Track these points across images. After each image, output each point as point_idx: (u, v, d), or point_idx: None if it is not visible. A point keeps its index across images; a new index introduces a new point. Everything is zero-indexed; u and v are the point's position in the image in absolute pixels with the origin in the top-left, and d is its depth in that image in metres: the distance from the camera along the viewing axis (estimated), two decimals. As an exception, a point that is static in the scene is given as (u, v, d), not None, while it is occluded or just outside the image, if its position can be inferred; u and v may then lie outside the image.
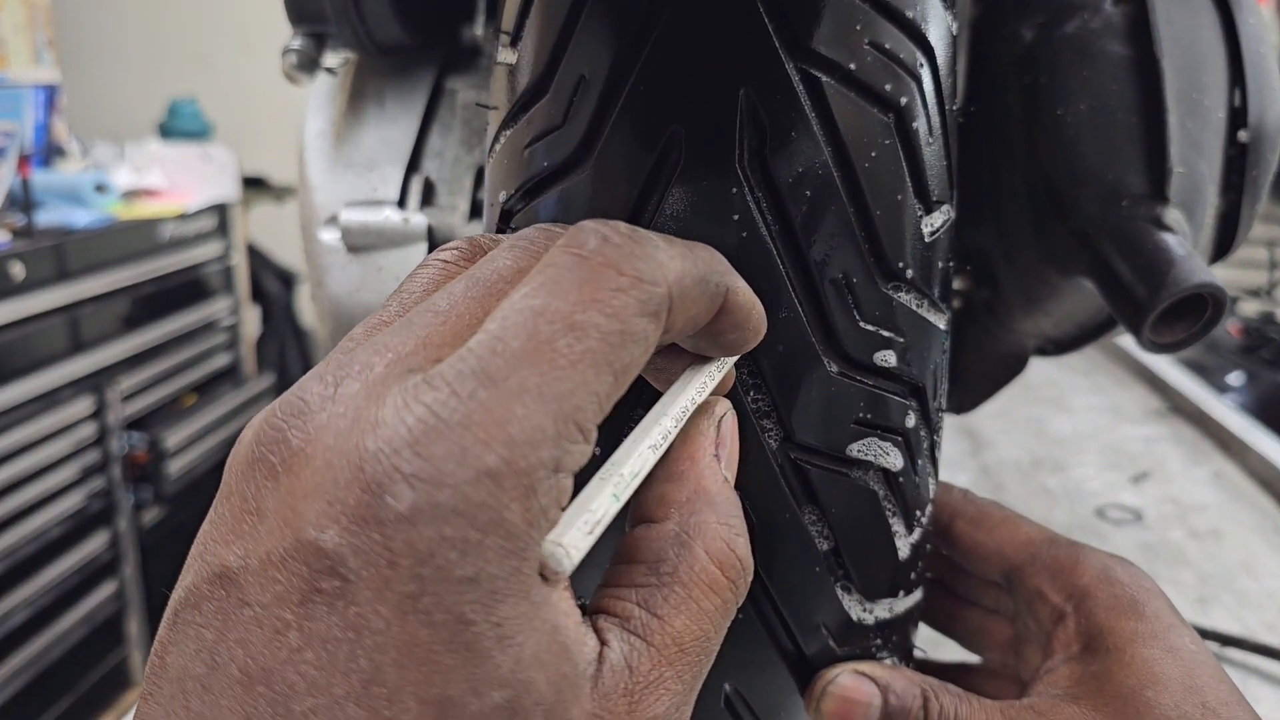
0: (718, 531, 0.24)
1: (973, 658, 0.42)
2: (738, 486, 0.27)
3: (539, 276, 0.22)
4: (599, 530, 0.22)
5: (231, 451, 0.23)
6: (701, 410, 0.26)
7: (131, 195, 2.21)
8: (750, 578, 0.25)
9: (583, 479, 0.22)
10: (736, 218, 0.30)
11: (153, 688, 0.21)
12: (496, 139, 0.34)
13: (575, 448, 0.21)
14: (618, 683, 0.22)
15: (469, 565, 0.19)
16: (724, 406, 0.27)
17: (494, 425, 0.20)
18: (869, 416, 0.32)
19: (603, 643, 0.22)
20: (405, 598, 0.19)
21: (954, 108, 0.35)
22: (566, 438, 0.21)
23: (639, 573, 0.24)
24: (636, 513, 0.25)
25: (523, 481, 0.20)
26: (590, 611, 0.23)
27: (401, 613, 0.19)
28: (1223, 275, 0.39)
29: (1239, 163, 0.44)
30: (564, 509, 0.21)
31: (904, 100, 0.31)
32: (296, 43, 0.51)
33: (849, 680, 0.33)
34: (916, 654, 0.39)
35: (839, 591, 0.34)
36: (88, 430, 1.90)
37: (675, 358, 0.28)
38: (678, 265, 0.24)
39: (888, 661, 0.35)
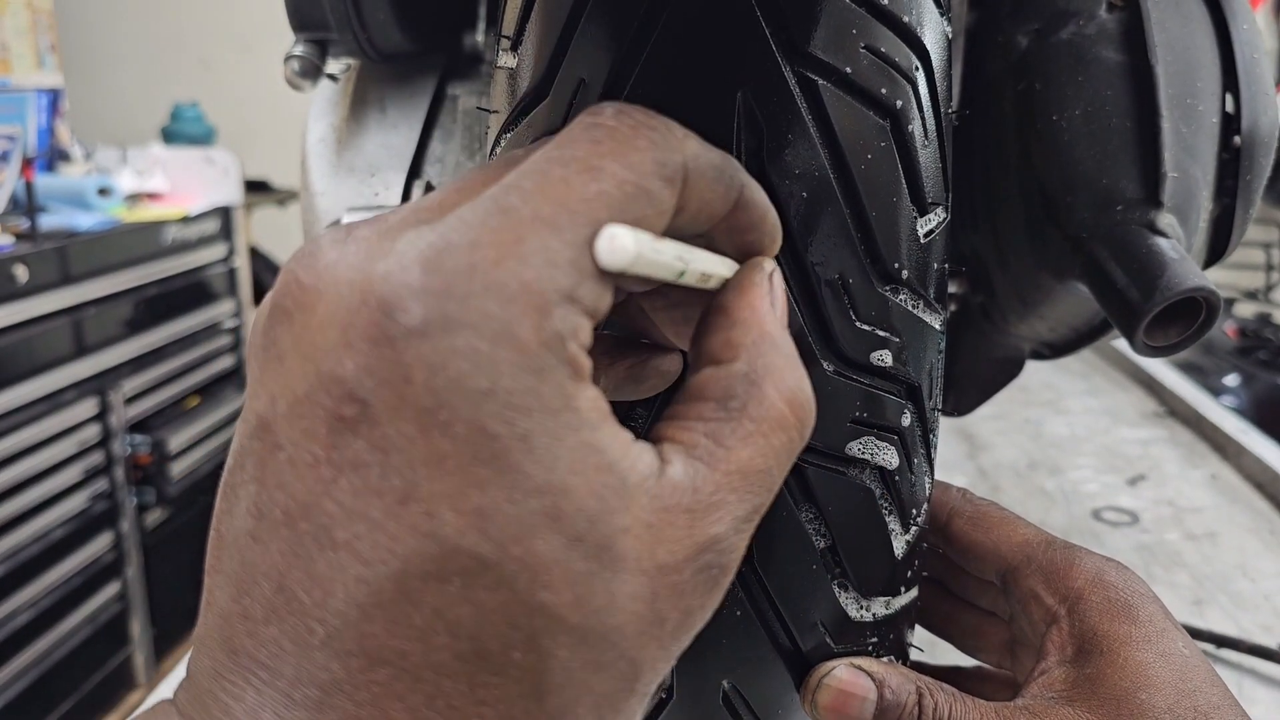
0: (785, 372, 0.24)
1: (968, 662, 0.42)
2: None
3: (555, 139, 0.22)
4: (653, 260, 0.22)
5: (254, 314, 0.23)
6: (752, 266, 0.26)
7: (134, 199, 2.22)
8: (814, 419, 0.25)
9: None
10: (734, 220, 0.30)
11: (212, 559, 0.22)
12: (497, 142, 0.34)
13: (589, 283, 0.21)
14: (679, 499, 0.22)
15: (482, 377, 0.19)
16: (772, 264, 0.26)
17: (505, 245, 0.20)
18: (866, 415, 0.33)
19: (664, 461, 0.22)
20: (424, 411, 0.19)
21: (949, 111, 0.35)
22: (580, 269, 0.21)
23: (707, 408, 0.23)
24: (701, 357, 0.25)
25: (534, 301, 0.20)
26: (652, 439, 0.23)
27: (423, 428, 0.19)
28: (1219, 278, 0.39)
29: (1233, 167, 0.44)
30: (585, 349, 0.21)
31: (899, 104, 0.31)
32: (299, 49, 0.51)
33: (845, 674, 0.34)
34: (913, 655, 0.39)
35: (836, 589, 0.34)
36: (91, 432, 1.90)
37: (693, 304, 0.27)
38: (694, 146, 0.24)
39: (884, 659, 0.36)
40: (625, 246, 0.21)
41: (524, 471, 0.19)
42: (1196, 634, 0.70)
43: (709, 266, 0.25)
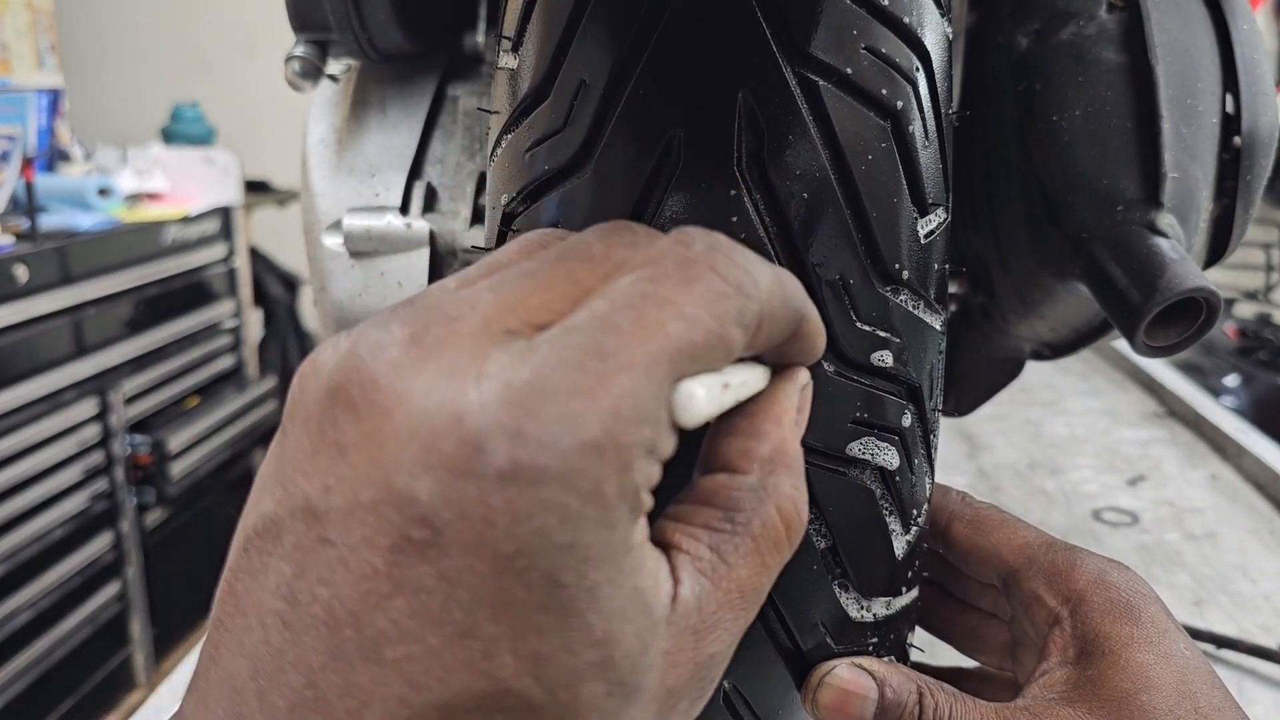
0: (791, 494, 0.25)
1: (968, 664, 0.42)
2: None
3: (646, 267, 0.22)
4: (721, 400, 0.23)
5: (301, 375, 0.22)
6: (786, 376, 0.27)
7: (134, 199, 2.22)
8: (801, 538, 0.26)
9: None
10: (735, 220, 0.30)
11: (225, 616, 0.21)
12: (498, 143, 0.34)
13: (666, 434, 0.21)
14: (689, 622, 0.22)
15: (566, 533, 0.19)
16: (806, 376, 0.27)
17: (601, 396, 0.20)
18: (866, 416, 0.33)
19: (676, 580, 0.22)
20: (502, 557, 0.19)
21: (950, 112, 0.35)
22: (659, 420, 0.21)
23: (714, 516, 0.24)
24: (718, 460, 0.25)
25: (622, 456, 0.20)
26: (661, 543, 0.23)
27: (497, 571, 0.19)
28: (1219, 278, 0.40)
29: (1233, 168, 0.44)
30: (653, 492, 0.22)
31: (900, 104, 0.31)
32: (300, 50, 0.51)
33: (846, 673, 0.34)
34: (913, 656, 0.39)
35: (836, 589, 0.34)
36: (91, 432, 1.91)
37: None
38: (767, 284, 0.24)
39: (885, 659, 0.36)
40: (700, 409, 0.22)
41: (586, 623, 0.20)
42: (1197, 634, 0.70)
43: (752, 386, 0.26)
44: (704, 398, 0.22)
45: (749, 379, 0.26)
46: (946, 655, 0.43)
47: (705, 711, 0.34)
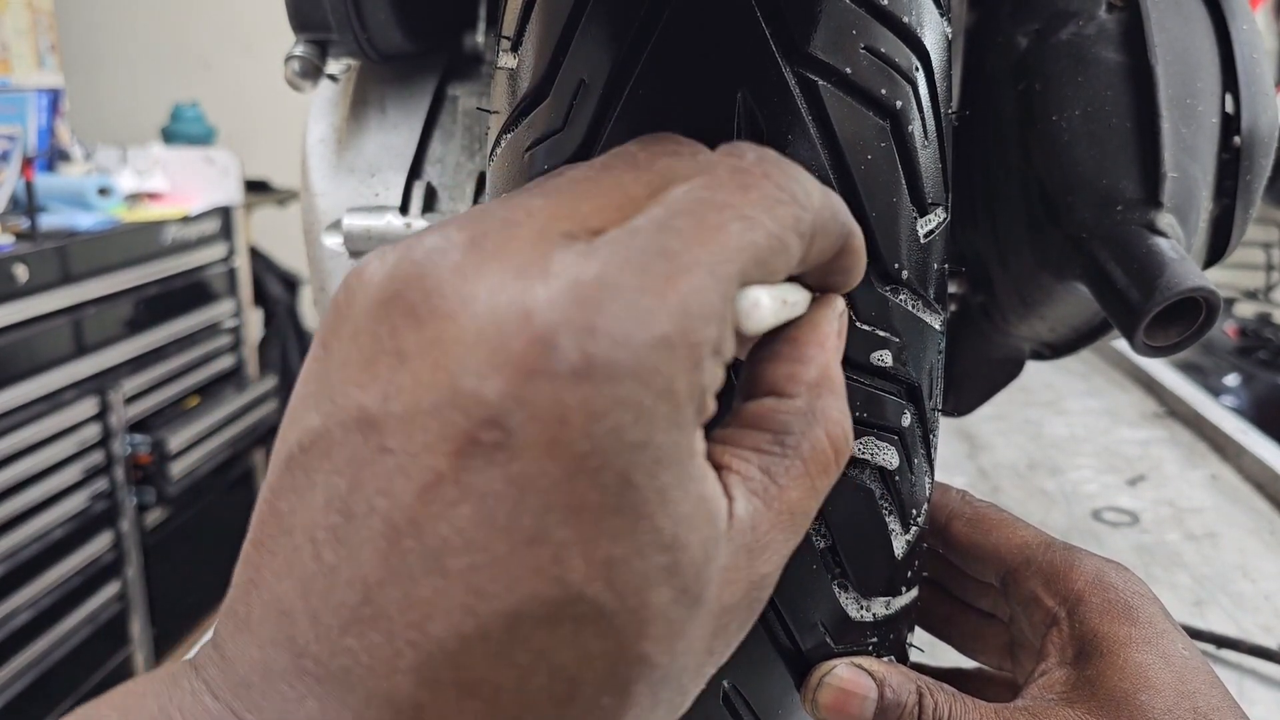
0: (838, 418, 0.25)
1: (968, 664, 0.42)
2: None
3: (701, 176, 0.22)
4: (780, 313, 0.23)
5: (346, 289, 0.21)
6: (825, 302, 0.27)
7: (134, 199, 2.22)
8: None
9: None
10: (734, 220, 0.30)
11: (265, 538, 0.21)
12: (497, 143, 0.34)
13: (730, 337, 0.21)
14: (744, 540, 0.22)
15: (640, 430, 0.19)
16: (843, 303, 0.27)
17: (670, 294, 0.19)
18: (866, 416, 0.33)
19: (729, 498, 0.22)
20: (575, 457, 0.18)
21: (949, 111, 0.35)
22: (724, 320, 0.21)
23: (763, 439, 0.24)
24: (763, 385, 0.25)
25: (693, 354, 0.20)
26: (713, 464, 0.23)
27: (570, 473, 0.18)
28: (1219, 277, 0.40)
29: (1232, 167, 0.44)
30: (718, 397, 0.21)
31: (899, 104, 0.31)
32: (299, 50, 0.51)
33: (846, 672, 0.34)
34: (913, 656, 0.39)
35: (836, 589, 0.34)
36: (91, 432, 1.91)
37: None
38: (819, 196, 0.24)
39: (884, 659, 0.36)
40: (764, 316, 0.22)
41: (657, 526, 0.19)
42: (1196, 634, 0.70)
43: (800, 307, 0.26)
44: (769, 306, 0.22)
45: (799, 299, 0.25)
46: (946, 655, 0.43)
47: (705, 711, 0.34)
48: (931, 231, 0.33)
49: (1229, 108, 0.44)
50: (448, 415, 0.19)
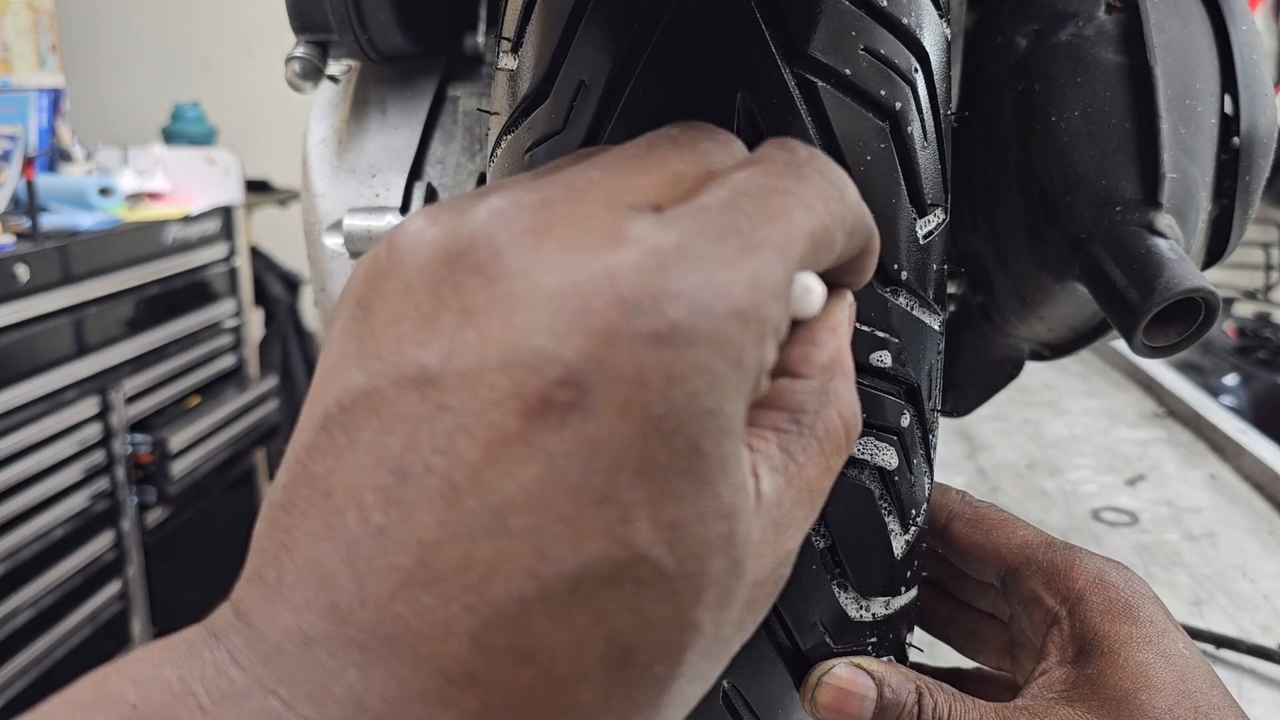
0: (849, 399, 0.25)
1: (967, 664, 0.42)
2: None
3: (758, 164, 0.23)
4: (818, 297, 0.24)
5: (392, 249, 0.21)
6: (841, 297, 0.27)
7: (136, 199, 2.22)
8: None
9: None
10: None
11: (300, 500, 0.20)
12: (498, 144, 0.35)
13: (786, 316, 0.22)
14: (771, 514, 0.22)
15: (714, 397, 0.19)
16: (851, 296, 0.28)
17: (744, 268, 0.20)
18: (865, 416, 0.33)
19: (755, 475, 0.22)
20: (651, 419, 0.18)
21: (949, 112, 0.35)
22: (784, 301, 0.21)
23: (780, 419, 0.24)
24: (779, 366, 0.25)
25: (761, 328, 0.20)
26: None
27: (644, 434, 0.18)
28: (1218, 277, 0.40)
29: (1231, 168, 0.44)
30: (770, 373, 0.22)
31: (899, 105, 0.31)
32: (300, 51, 0.51)
33: (845, 672, 0.34)
34: (912, 656, 0.39)
35: (835, 589, 0.34)
36: (92, 431, 1.91)
37: None
38: (857, 197, 0.25)
39: (884, 659, 0.36)
40: (814, 302, 0.22)
41: (718, 494, 0.20)
42: (1196, 634, 0.70)
43: (825, 297, 0.26)
44: (819, 292, 0.22)
45: (823, 291, 0.26)
46: (946, 655, 0.43)
47: (705, 711, 0.35)
48: (931, 232, 0.34)
49: (1228, 108, 0.44)
50: (518, 374, 0.18)
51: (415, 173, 0.52)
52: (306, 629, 0.19)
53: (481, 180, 0.52)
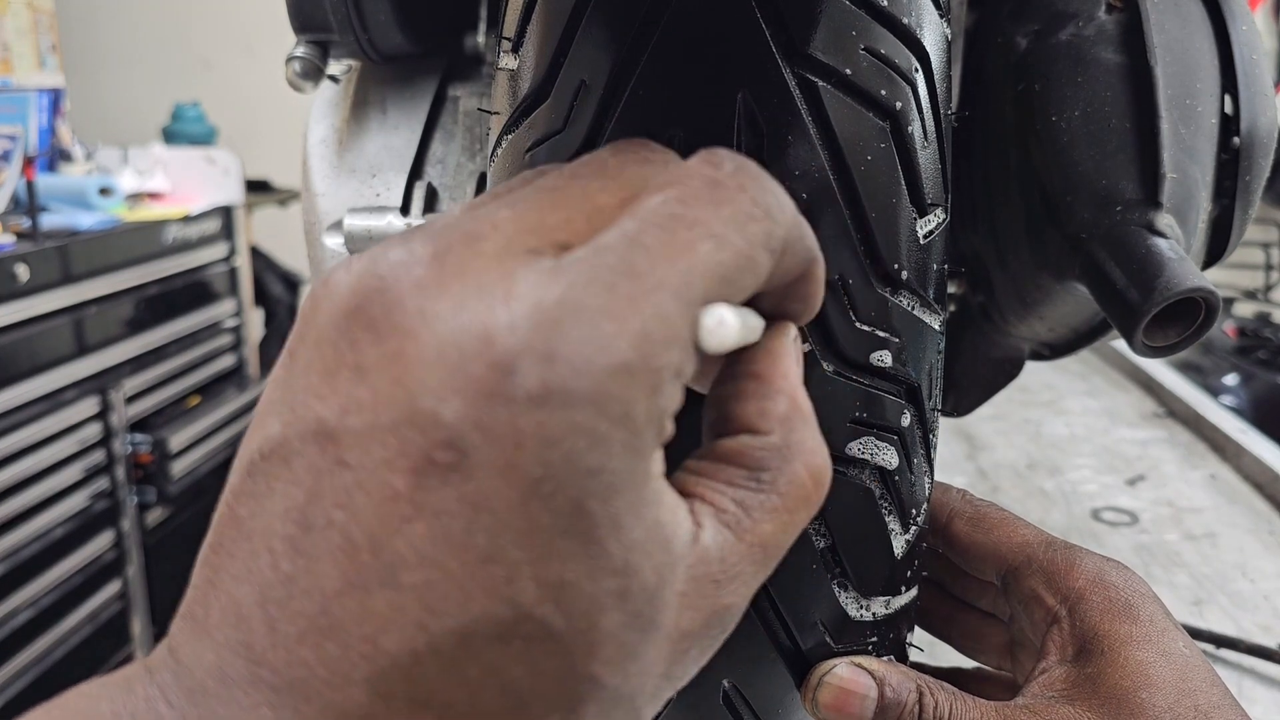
0: (814, 448, 0.25)
1: (968, 664, 0.42)
2: None
3: (674, 187, 0.22)
4: (743, 334, 0.23)
5: (312, 297, 0.21)
6: (779, 330, 0.26)
7: (135, 198, 2.22)
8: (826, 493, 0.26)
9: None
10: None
11: (225, 541, 0.21)
12: (498, 144, 0.35)
13: (690, 355, 0.21)
14: (708, 570, 0.22)
15: (595, 457, 0.19)
16: (794, 329, 0.27)
17: (632, 318, 0.19)
18: (865, 416, 0.33)
19: (697, 525, 0.22)
20: (530, 481, 0.19)
21: (949, 112, 0.35)
22: (686, 342, 0.21)
23: (738, 475, 0.24)
24: (734, 423, 0.25)
25: (652, 380, 0.20)
26: (681, 490, 0.23)
27: (524, 496, 0.19)
28: (1218, 277, 0.40)
29: (1231, 168, 0.44)
30: (676, 418, 0.21)
31: (899, 105, 0.31)
32: (300, 51, 0.51)
33: (846, 671, 0.34)
34: (913, 656, 0.39)
35: (835, 589, 0.34)
36: (92, 431, 1.91)
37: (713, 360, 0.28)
38: (791, 213, 0.24)
39: (884, 659, 0.36)
40: (729, 335, 0.21)
41: (607, 551, 0.19)
42: (1196, 634, 0.70)
43: (759, 331, 0.25)
44: (733, 324, 0.21)
45: (757, 325, 0.25)
46: (947, 655, 0.43)
47: (705, 710, 0.35)
48: (931, 232, 0.34)
49: (1228, 108, 0.44)
50: (405, 434, 0.19)
51: (415, 173, 0.52)
52: (226, 667, 0.20)
53: (482, 180, 0.52)
